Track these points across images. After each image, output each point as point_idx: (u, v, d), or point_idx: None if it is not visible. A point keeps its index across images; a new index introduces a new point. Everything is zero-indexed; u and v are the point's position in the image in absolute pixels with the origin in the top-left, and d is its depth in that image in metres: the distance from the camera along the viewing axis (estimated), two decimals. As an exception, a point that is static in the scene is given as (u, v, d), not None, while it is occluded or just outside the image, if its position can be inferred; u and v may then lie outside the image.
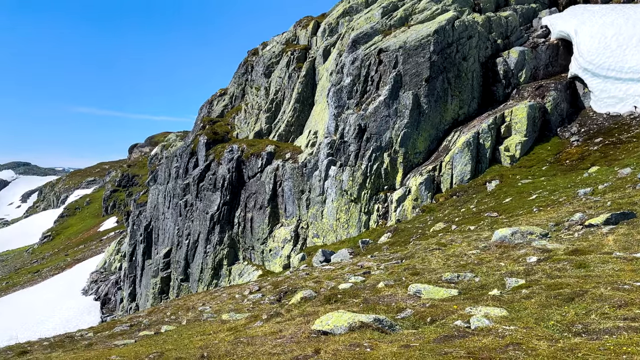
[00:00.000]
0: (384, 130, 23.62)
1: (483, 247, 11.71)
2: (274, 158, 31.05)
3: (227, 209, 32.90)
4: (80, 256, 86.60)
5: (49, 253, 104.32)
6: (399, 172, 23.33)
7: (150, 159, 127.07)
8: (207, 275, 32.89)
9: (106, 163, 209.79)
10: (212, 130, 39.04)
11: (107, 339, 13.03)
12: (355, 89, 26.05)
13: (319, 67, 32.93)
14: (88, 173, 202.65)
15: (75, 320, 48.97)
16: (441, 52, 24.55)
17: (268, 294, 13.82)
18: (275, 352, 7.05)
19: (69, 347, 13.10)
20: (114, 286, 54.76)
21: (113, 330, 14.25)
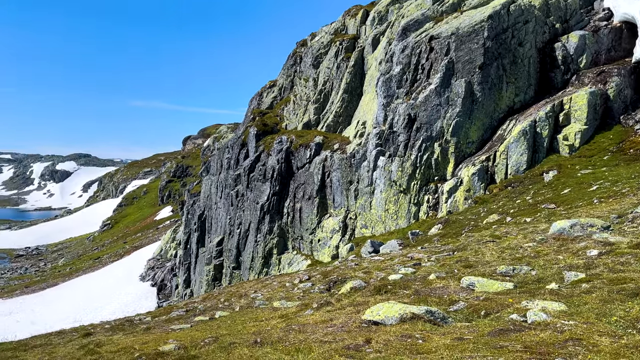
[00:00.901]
0: (434, 119, 23.14)
1: (540, 240, 11.31)
2: (322, 149, 31.15)
3: (277, 199, 33.39)
4: (137, 244, 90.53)
5: (109, 240, 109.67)
6: (450, 162, 22.81)
7: (202, 150, 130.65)
8: (257, 264, 33.61)
9: (161, 154, 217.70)
10: (261, 122, 39.61)
11: (164, 323, 13.58)
12: (405, 78, 25.63)
13: (368, 57, 32.63)
14: (144, 164, 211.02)
15: (133, 305, 51.35)
16: (495, 37, 23.69)
17: (318, 283, 13.95)
18: (326, 340, 7.12)
19: (129, 330, 13.75)
20: (169, 273, 56.94)
21: (170, 315, 14.82)
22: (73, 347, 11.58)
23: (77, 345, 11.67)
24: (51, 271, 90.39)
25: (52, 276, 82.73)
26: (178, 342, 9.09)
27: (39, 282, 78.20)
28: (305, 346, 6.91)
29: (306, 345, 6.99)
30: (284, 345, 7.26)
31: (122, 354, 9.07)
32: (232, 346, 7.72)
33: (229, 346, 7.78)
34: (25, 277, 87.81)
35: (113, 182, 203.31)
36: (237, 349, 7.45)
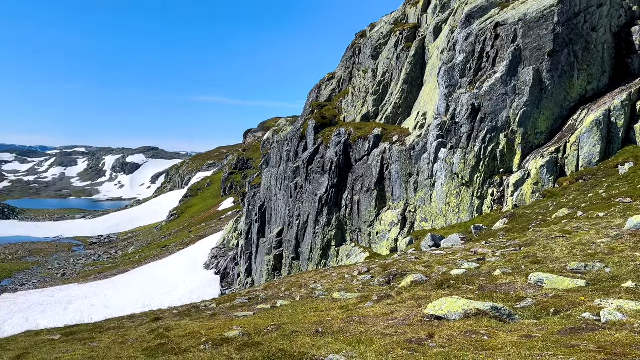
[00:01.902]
0: (500, 109, 22.25)
1: (614, 236, 10.67)
2: (381, 141, 30.84)
3: (335, 191, 33.50)
4: (202, 233, 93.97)
5: (175, 230, 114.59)
6: (516, 154, 21.87)
7: (262, 143, 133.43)
8: (316, 255, 33.96)
9: (224, 147, 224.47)
10: (320, 115, 39.80)
11: (229, 310, 14.04)
12: (469, 67, 24.80)
13: (429, 46, 31.86)
14: (208, 157, 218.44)
15: (198, 292, 53.45)
16: (566, 23, 22.38)
17: (377, 276, 13.89)
18: (388, 333, 7.08)
19: (195, 316, 14.33)
20: (232, 262, 58.75)
21: (234, 303, 15.31)
22: (144, 330, 12.23)
23: (147, 329, 12.31)
24: (122, 258, 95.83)
25: (122, 263, 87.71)
26: (242, 329, 9.36)
27: (111, 268, 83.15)
28: (366, 338, 6.91)
29: (367, 337, 6.99)
30: (345, 336, 7.30)
31: (190, 338, 9.47)
32: (294, 335, 7.85)
33: (291, 334, 7.93)
34: (98, 263, 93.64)
35: (179, 174, 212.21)
36: (299, 337, 7.57)
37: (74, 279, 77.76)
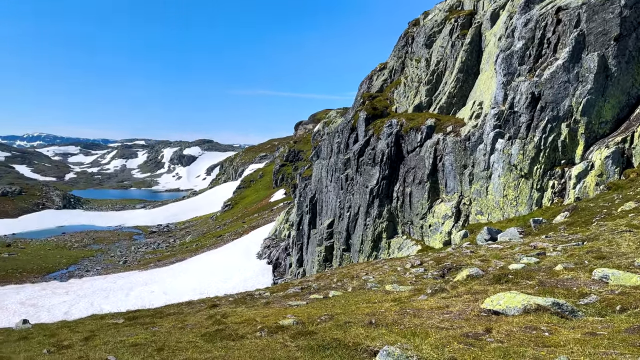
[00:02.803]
0: (561, 98, 21.21)
1: (689, 231, 9.98)
2: (434, 132, 30.21)
3: (386, 183, 33.20)
4: (255, 224, 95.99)
5: (229, 220, 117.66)
6: (579, 144, 20.81)
7: (313, 135, 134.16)
8: (367, 247, 33.87)
9: (275, 140, 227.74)
10: (371, 106, 39.48)
11: (282, 299, 14.30)
12: (528, 54, 23.77)
13: (486, 33, 30.79)
14: (260, 149, 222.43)
15: (251, 281, 54.78)
16: (635, 5, 20.96)
17: (430, 269, 13.70)
18: (443, 326, 6.99)
19: (250, 303, 14.69)
20: (283, 252, 59.72)
21: (287, 292, 15.56)
22: (202, 316, 12.68)
23: (205, 315, 12.75)
24: (179, 247, 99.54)
25: (180, 251, 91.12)
26: (296, 318, 9.51)
27: (169, 256, 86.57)
28: (421, 330, 6.85)
29: (422, 329, 6.93)
30: (399, 328, 7.27)
31: (246, 325, 9.72)
32: (348, 325, 7.90)
33: (344, 325, 7.98)
34: (158, 251, 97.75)
35: (233, 166, 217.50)
36: (352, 328, 7.61)
37: (134, 266, 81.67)
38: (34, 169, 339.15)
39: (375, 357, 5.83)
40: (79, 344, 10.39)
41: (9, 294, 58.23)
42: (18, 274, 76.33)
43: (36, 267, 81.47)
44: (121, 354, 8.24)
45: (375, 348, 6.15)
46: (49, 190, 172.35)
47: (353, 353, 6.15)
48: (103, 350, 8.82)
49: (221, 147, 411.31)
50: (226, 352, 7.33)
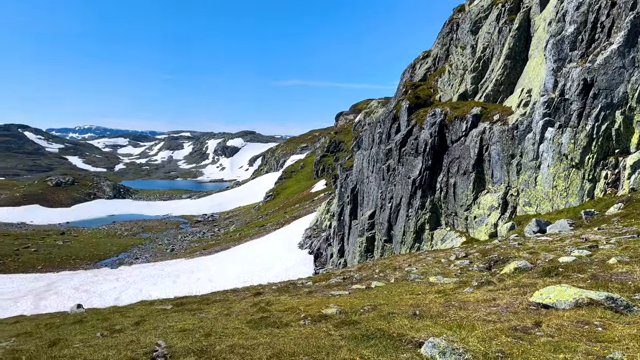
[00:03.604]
0: (616, 84, 20.15)
1: None
2: (480, 120, 29.40)
3: (429, 173, 32.65)
4: (296, 214, 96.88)
5: (271, 210, 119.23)
6: (634, 132, 19.73)
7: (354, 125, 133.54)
8: (409, 238, 33.52)
9: (316, 130, 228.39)
10: (414, 95, 38.82)
11: (324, 288, 14.39)
12: (580, 39, 22.68)
13: (535, 18, 29.58)
14: (301, 140, 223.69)
15: (293, 270, 55.40)
16: (701, -19, 19.59)
17: (476, 262, 13.43)
18: (490, 319, 6.85)
19: (293, 292, 14.87)
20: (324, 242, 60.03)
21: (329, 282, 15.66)
22: (247, 304, 12.94)
23: (250, 303, 13.01)
24: (224, 236, 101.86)
25: (224, 240, 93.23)
26: (339, 307, 9.55)
27: (214, 245, 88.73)
28: (467, 323, 6.74)
29: (468, 322, 6.82)
30: (445, 320, 7.17)
31: (290, 313, 9.86)
32: (391, 316, 7.87)
33: (388, 315, 7.95)
34: (203, 240, 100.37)
35: (274, 157, 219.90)
36: (396, 319, 7.57)
37: (181, 254, 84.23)
38: (85, 160, 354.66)
39: (420, 348, 5.79)
40: (130, 329, 10.83)
41: (64, 280, 61.42)
42: (72, 261, 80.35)
43: (88, 255, 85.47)
44: (170, 338, 8.53)
45: (420, 339, 6.10)
46: (100, 181, 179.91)
47: (397, 344, 6.13)
48: (153, 335, 9.15)
49: (263, 139, 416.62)
50: (271, 339, 7.46)
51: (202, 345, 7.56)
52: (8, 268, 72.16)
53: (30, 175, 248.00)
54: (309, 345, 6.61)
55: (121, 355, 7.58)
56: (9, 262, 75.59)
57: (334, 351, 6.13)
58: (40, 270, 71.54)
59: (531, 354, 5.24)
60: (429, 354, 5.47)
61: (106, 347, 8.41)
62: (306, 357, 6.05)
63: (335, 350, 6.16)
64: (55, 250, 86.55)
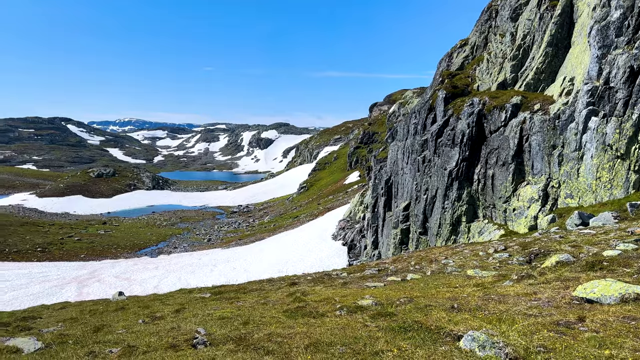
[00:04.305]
0: (666, 70, 19.18)
1: None
2: (520, 110, 28.57)
3: (466, 165, 32.03)
4: (329, 205, 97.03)
5: (305, 202, 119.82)
6: (686, 122, 18.79)
7: (388, 116, 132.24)
8: (445, 231, 33.05)
9: (350, 122, 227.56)
10: (451, 84, 38.06)
11: (359, 280, 14.40)
12: (627, 24, 21.66)
13: (578, 3, 28.41)
14: (335, 131, 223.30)
15: (327, 261, 55.62)
16: None
17: (515, 255, 13.13)
18: (531, 313, 6.70)
19: (328, 283, 14.94)
20: (358, 234, 59.94)
21: (364, 273, 15.65)
22: (282, 293, 13.09)
23: (285, 293, 13.15)
24: (258, 227, 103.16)
25: (259, 231, 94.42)
26: (374, 299, 9.54)
27: (249, 235, 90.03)
28: (507, 317, 6.61)
29: (508, 316, 6.69)
30: (484, 313, 7.06)
31: (325, 304, 9.91)
32: (429, 308, 7.80)
33: (425, 308, 7.89)
34: (238, 230, 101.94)
35: (308, 149, 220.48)
36: (433, 311, 7.51)
37: (217, 244, 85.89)
38: (125, 152, 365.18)
39: (459, 341, 5.72)
40: (170, 316, 11.14)
41: (106, 268, 63.68)
42: (113, 250, 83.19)
43: (129, 244, 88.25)
44: (209, 326, 8.73)
45: (458, 332, 6.03)
46: (140, 172, 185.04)
47: (435, 336, 6.08)
48: (193, 322, 9.39)
49: (297, 130, 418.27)
50: (308, 328, 7.53)
51: (240, 333, 7.71)
52: (54, 256, 75.43)
53: (73, 167, 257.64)
54: (345, 336, 6.64)
55: (163, 342, 7.82)
56: (54, 250, 78.97)
57: (371, 342, 6.14)
58: (84, 259, 74.46)
59: (575, 350, 5.11)
60: (467, 347, 5.41)
61: (148, 334, 8.69)
62: (343, 347, 6.09)
63: (372, 342, 6.16)
64: (97, 240, 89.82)
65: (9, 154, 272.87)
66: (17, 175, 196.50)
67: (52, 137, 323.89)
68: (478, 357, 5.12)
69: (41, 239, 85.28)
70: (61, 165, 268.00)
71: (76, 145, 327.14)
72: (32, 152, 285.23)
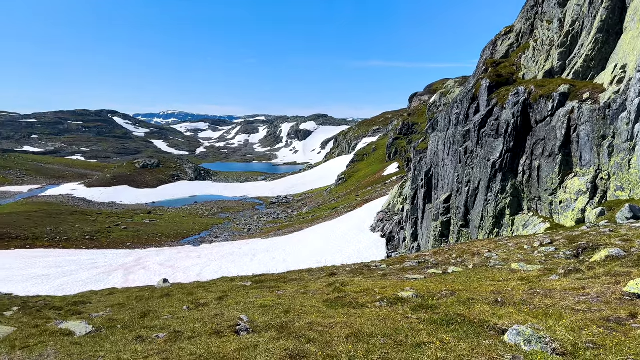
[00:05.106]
0: None
1: None
2: (568, 99, 27.47)
3: (510, 156, 31.15)
4: (368, 197, 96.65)
5: (343, 193, 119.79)
6: None
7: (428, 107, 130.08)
8: (487, 224, 32.33)
9: (389, 113, 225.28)
10: (495, 73, 36.97)
11: (399, 271, 14.32)
12: (687, 6, 20.45)
13: (632, -14, 26.98)
14: (373, 122, 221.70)
15: (365, 252, 55.52)
16: None
17: (562, 248, 12.72)
18: (579, 309, 6.49)
19: (367, 274, 14.94)
20: (397, 226, 59.46)
21: (403, 265, 15.54)
22: (322, 284, 13.18)
23: (325, 283, 13.24)
24: (297, 217, 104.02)
25: (297, 222, 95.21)
26: (415, 291, 9.47)
27: (288, 226, 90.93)
28: (554, 312, 6.44)
29: (555, 311, 6.51)
30: (529, 308, 6.90)
31: (365, 295, 9.92)
32: (471, 302, 7.69)
33: (467, 301, 7.77)
34: (277, 221, 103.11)
35: (346, 140, 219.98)
36: (477, 305, 7.39)
37: (257, 234, 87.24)
38: (169, 143, 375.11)
39: (503, 335, 5.62)
40: (214, 303, 11.43)
41: (151, 256, 65.86)
42: (158, 238, 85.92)
43: (173, 233, 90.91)
44: (252, 314, 8.91)
45: (503, 326, 5.92)
46: (183, 163, 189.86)
47: (479, 330, 5.99)
48: (235, 310, 9.61)
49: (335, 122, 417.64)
50: (348, 318, 7.56)
51: (281, 321, 7.83)
52: (101, 244, 78.66)
53: (119, 158, 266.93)
54: (386, 327, 6.63)
55: (207, 328, 8.05)
56: (102, 239, 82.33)
57: (413, 334, 6.11)
58: (130, 247, 77.28)
59: (626, 346, 4.92)
60: (512, 341, 5.30)
61: (193, 320, 8.96)
62: (384, 338, 6.09)
63: (414, 334, 6.13)
64: (142, 228, 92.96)
65: (59, 146, 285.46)
66: (66, 166, 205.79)
67: (100, 129, 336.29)
68: (523, 352, 5.01)
69: (89, 228, 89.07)
70: (108, 157, 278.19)
71: (122, 137, 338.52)
72: (80, 144, 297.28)
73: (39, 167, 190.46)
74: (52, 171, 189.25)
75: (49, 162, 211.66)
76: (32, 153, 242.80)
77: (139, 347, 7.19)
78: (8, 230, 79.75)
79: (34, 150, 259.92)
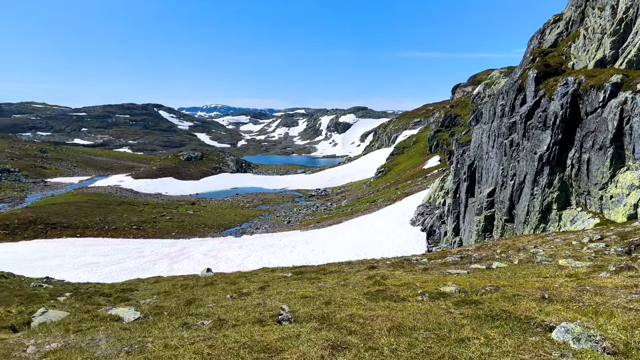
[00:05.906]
0: None
1: None
2: (621, 90, 26.20)
3: (558, 149, 30.05)
4: (408, 190, 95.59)
5: (382, 186, 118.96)
6: None
7: (472, 98, 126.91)
8: (533, 219, 31.38)
9: (430, 104, 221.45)
10: (542, 63, 35.65)
11: (440, 266, 14.14)
12: None
13: (695, -33, 25.38)
14: (414, 115, 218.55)
15: (405, 246, 55.02)
16: None
17: (613, 245, 12.22)
18: (632, 307, 6.24)
19: (407, 268, 14.82)
20: (438, 220, 58.58)
21: (445, 259, 15.32)
22: (362, 276, 13.19)
23: (365, 276, 13.24)
24: (336, 210, 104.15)
25: (336, 214, 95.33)
26: (457, 286, 9.34)
27: (327, 218, 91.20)
28: (604, 310, 6.21)
29: (606, 308, 6.28)
30: (578, 305, 6.68)
31: (406, 288, 9.87)
32: (517, 298, 7.52)
33: (512, 297, 7.61)
34: (316, 213, 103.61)
35: (386, 133, 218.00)
36: (522, 301, 7.22)
37: (296, 226, 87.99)
38: (212, 136, 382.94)
39: (550, 332, 5.47)
40: (256, 292, 11.65)
41: (194, 246, 67.63)
42: (201, 229, 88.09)
43: (215, 224, 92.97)
44: (293, 304, 9.03)
45: (550, 323, 5.77)
46: (225, 156, 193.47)
47: (525, 326, 5.85)
48: (277, 300, 9.76)
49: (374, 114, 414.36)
50: (389, 312, 7.55)
51: (322, 312, 7.90)
52: (147, 233, 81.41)
53: (164, 151, 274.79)
54: (429, 321, 6.58)
55: (250, 317, 8.22)
56: (148, 229, 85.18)
57: (456, 329, 6.04)
58: (174, 237, 79.62)
59: (684, 349, 4.71)
60: (561, 339, 5.16)
61: (236, 308, 9.17)
62: (427, 332, 6.05)
63: (457, 328, 6.06)
64: (186, 219, 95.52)
65: (107, 138, 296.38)
66: (114, 158, 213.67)
67: (146, 122, 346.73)
68: (572, 350, 4.87)
69: (136, 218, 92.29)
70: (154, 149, 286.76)
71: (167, 130, 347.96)
72: (127, 137, 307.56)
73: (88, 159, 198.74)
74: (101, 163, 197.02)
75: (98, 154, 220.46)
76: (82, 145, 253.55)
77: (185, 334, 7.43)
78: (60, 219, 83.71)
79: (83, 143, 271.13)
